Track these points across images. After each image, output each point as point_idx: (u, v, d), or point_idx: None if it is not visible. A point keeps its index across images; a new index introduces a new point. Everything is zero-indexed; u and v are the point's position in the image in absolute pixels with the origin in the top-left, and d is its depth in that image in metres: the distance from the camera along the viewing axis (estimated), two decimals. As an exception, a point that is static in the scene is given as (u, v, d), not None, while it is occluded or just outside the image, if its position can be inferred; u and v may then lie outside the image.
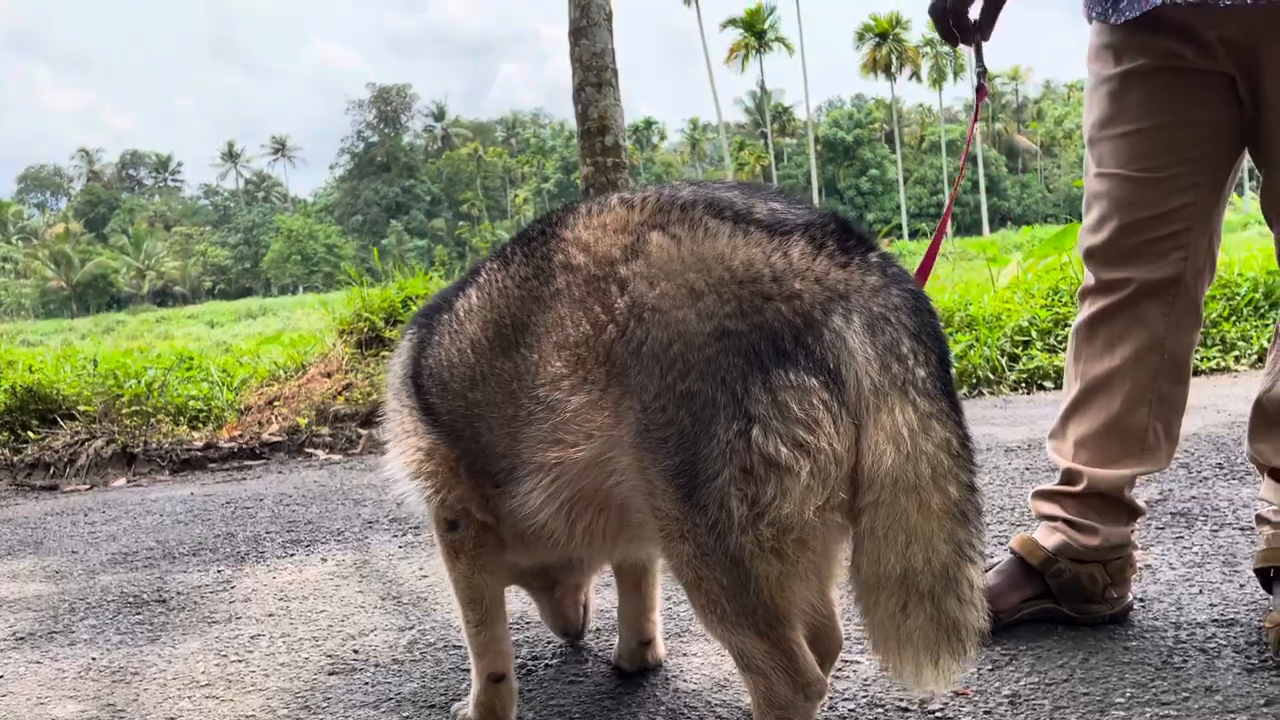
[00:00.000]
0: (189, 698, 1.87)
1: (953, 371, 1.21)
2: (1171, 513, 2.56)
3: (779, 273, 1.21)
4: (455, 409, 1.51)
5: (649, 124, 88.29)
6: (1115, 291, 1.81)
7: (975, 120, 2.01)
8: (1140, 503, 1.89)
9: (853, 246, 1.24)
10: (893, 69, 68.86)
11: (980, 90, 1.93)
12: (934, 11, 1.85)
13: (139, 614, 2.40)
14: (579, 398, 1.31)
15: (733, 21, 68.68)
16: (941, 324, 1.25)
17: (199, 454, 5.01)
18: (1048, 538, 1.86)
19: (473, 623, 1.59)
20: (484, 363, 1.45)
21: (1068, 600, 1.85)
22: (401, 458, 1.62)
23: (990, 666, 1.72)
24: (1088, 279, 1.88)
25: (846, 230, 1.27)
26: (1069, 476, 1.86)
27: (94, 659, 2.11)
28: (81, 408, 5.31)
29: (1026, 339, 5.28)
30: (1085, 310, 1.88)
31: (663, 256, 1.27)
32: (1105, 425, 1.83)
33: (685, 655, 1.88)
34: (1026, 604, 1.87)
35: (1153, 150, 1.74)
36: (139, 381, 5.59)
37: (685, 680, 1.78)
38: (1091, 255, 1.84)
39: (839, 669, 1.76)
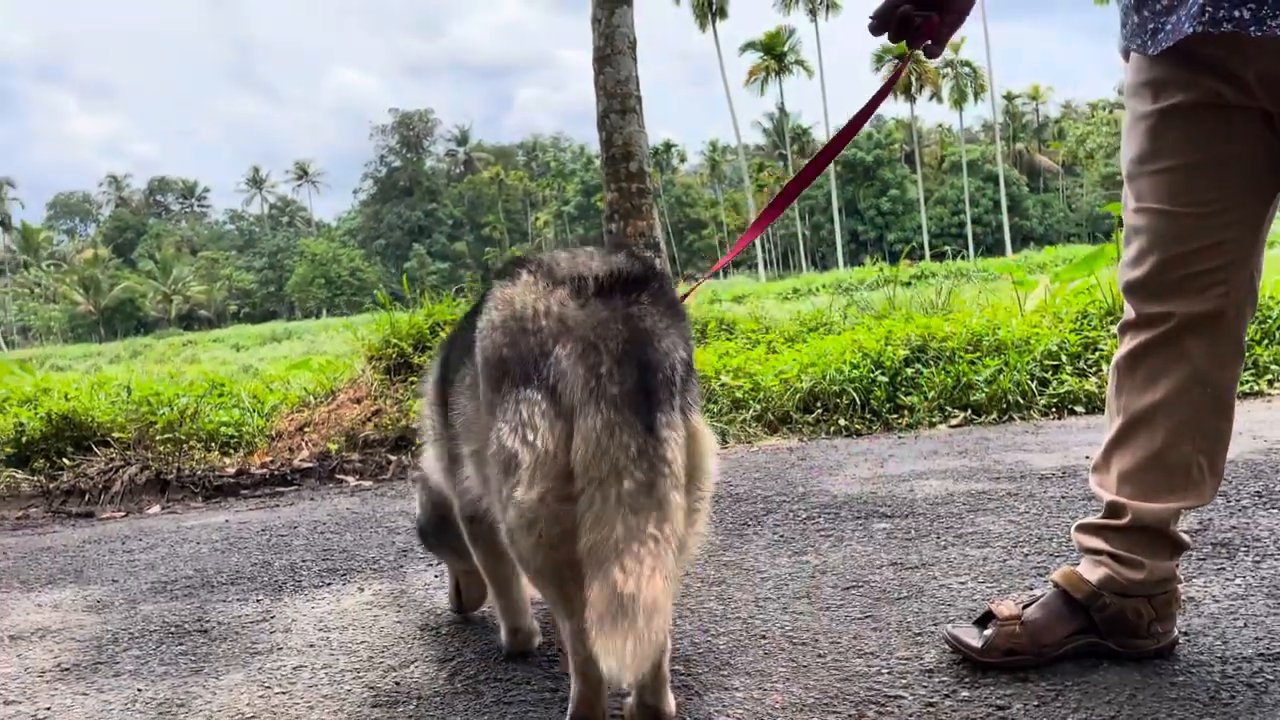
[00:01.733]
0: (235, 730, 1.88)
1: (659, 389, 1.48)
2: (1212, 543, 2.54)
3: (538, 313, 1.56)
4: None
5: (668, 146, 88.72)
6: (1156, 326, 1.81)
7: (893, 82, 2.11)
8: (1185, 537, 1.88)
9: (610, 290, 1.56)
10: (912, 90, 68.92)
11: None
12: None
13: (181, 645, 2.43)
14: (474, 405, 1.75)
15: (752, 45, 69.02)
16: (659, 349, 1.51)
17: (231, 480, 5.06)
18: (1092, 572, 1.85)
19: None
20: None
21: (1113, 635, 1.84)
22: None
23: (1036, 702, 1.71)
24: (1128, 313, 1.88)
25: (625, 279, 1.58)
26: (1113, 510, 1.86)
27: (139, 690, 2.13)
28: (116, 434, 5.37)
29: (1056, 363, 5.25)
30: (1125, 344, 1.87)
31: (491, 300, 1.68)
32: (1148, 459, 1.83)
33: (726, 689, 1.88)
34: (1070, 639, 1.86)
35: (1192, 186, 1.74)
36: (172, 408, 5.66)
37: (727, 714, 1.77)
38: (1132, 290, 1.84)
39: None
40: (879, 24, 1.90)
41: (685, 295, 2.56)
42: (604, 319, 1.52)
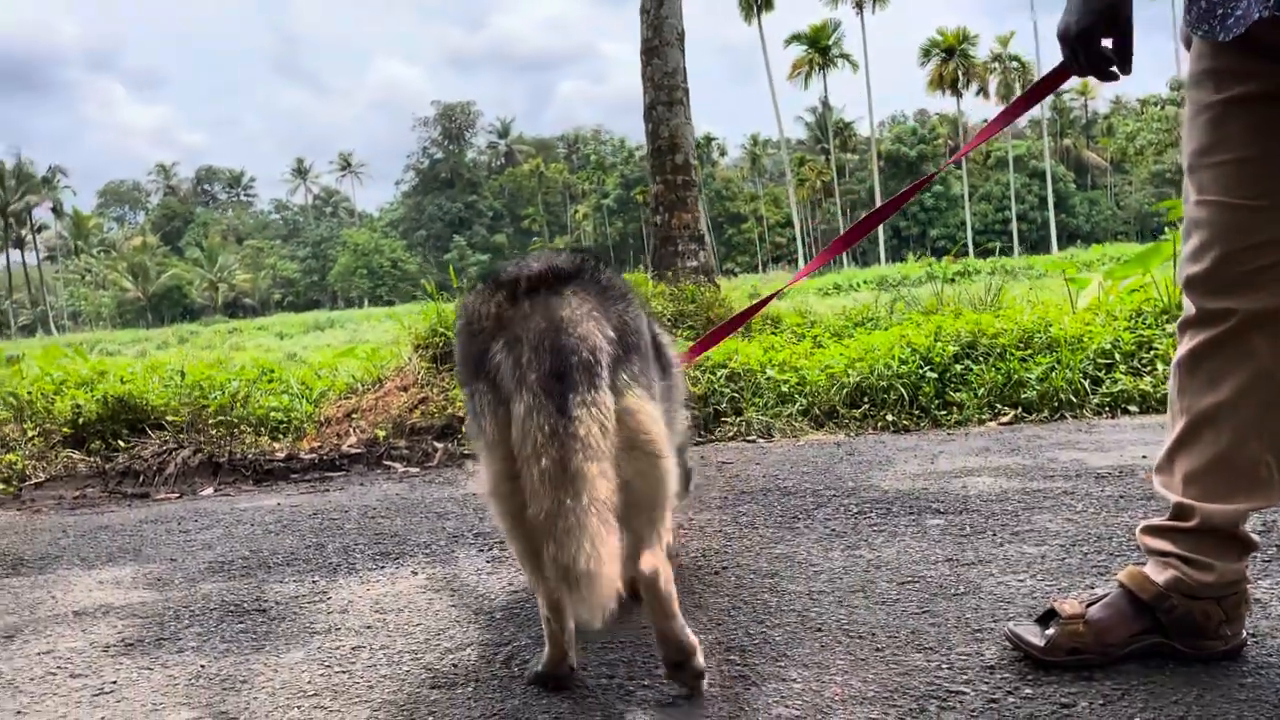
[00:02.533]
0: (298, 707, 1.92)
1: (571, 372, 1.66)
2: (1278, 545, 2.48)
3: (483, 315, 1.80)
4: None
5: (709, 140, 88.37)
6: (1218, 323, 1.76)
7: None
8: (1254, 536, 1.84)
9: (537, 288, 1.77)
10: (959, 85, 68.05)
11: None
12: (1071, 40, 1.80)
13: (241, 623, 2.47)
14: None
15: (797, 38, 68.53)
16: (574, 335, 1.69)
17: (281, 465, 5.13)
18: (1159, 573, 1.82)
19: None
20: None
21: (1181, 636, 1.81)
22: None
23: (1101, 701, 1.69)
24: (1188, 310, 1.83)
25: (552, 276, 1.80)
26: (1180, 512, 1.82)
27: (203, 666, 2.18)
28: (169, 418, 5.48)
29: (1110, 362, 5.16)
30: (1186, 343, 1.83)
31: (458, 310, 1.97)
32: (1214, 460, 1.79)
33: (784, 680, 1.88)
34: (1136, 639, 1.83)
35: (1256, 178, 1.70)
36: (223, 393, 5.75)
37: (786, 705, 1.77)
38: (1192, 285, 1.80)
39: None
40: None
41: (762, 304, 2.86)
42: (526, 313, 1.74)
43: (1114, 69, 1.80)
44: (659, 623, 1.81)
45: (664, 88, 8.23)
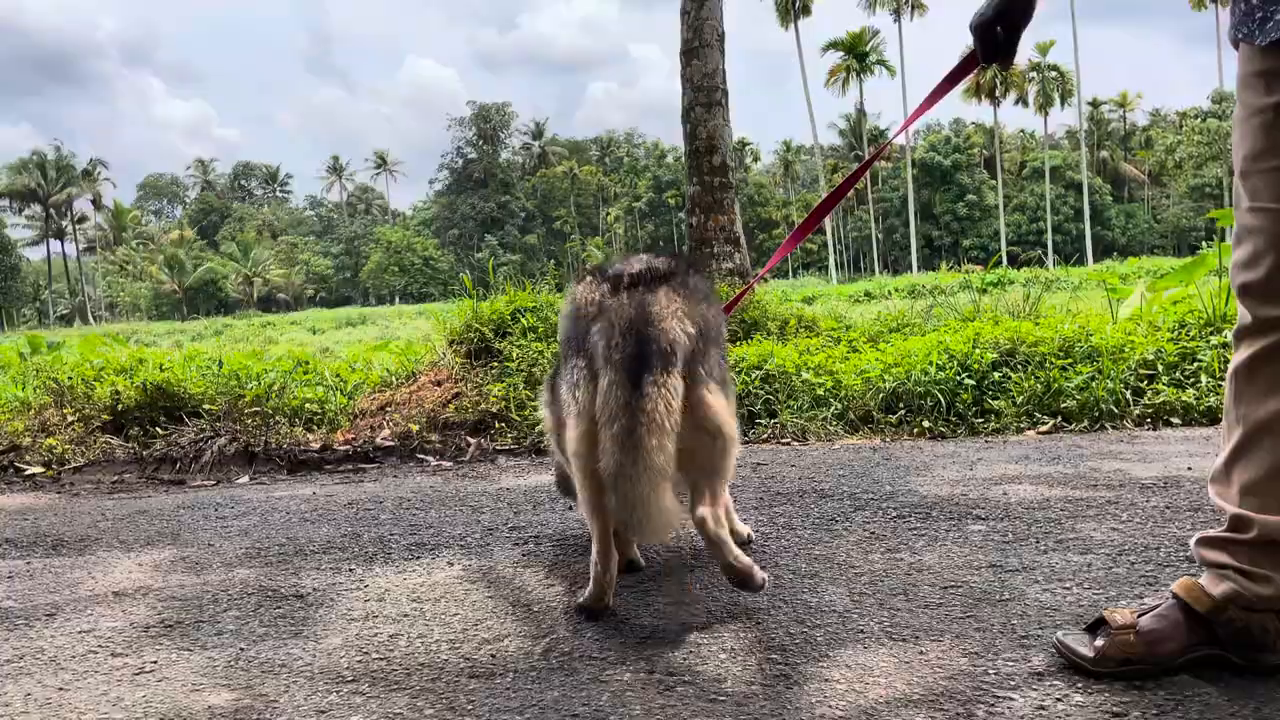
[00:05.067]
0: (337, 692, 1.91)
1: (651, 357, 2.00)
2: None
3: (587, 302, 2.16)
4: None
5: (742, 144, 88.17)
6: (1275, 330, 1.72)
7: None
8: (1316, 549, 1.79)
9: (637, 284, 2.11)
10: (997, 93, 67.47)
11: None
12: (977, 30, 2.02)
13: (279, 608, 2.47)
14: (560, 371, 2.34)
15: (834, 44, 68.29)
16: (658, 327, 2.03)
17: (315, 455, 5.16)
18: (1216, 585, 1.78)
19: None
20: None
21: (1237, 649, 1.76)
22: None
23: (1155, 711, 1.65)
24: (1244, 318, 1.79)
25: (651, 275, 2.14)
26: (1237, 523, 1.78)
27: (242, 649, 2.18)
28: (206, 406, 5.53)
29: (1152, 373, 5.08)
30: (1243, 352, 1.79)
31: (566, 296, 2.33)
32: (1273, 470, 1.75)
33: (827, 681, 1.85)
34: (1189, 651, 1.79)
35: None
36: (259, 383, 5.79)
37: (829, 706, 1.75)
38: (1246, 292, 1.76)
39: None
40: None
41: (730, 304, 3.02)
42: (623, 304, 2.08)
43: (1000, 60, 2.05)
44: (717, 556, 2.13)
45: (703, 89, 8.20)
